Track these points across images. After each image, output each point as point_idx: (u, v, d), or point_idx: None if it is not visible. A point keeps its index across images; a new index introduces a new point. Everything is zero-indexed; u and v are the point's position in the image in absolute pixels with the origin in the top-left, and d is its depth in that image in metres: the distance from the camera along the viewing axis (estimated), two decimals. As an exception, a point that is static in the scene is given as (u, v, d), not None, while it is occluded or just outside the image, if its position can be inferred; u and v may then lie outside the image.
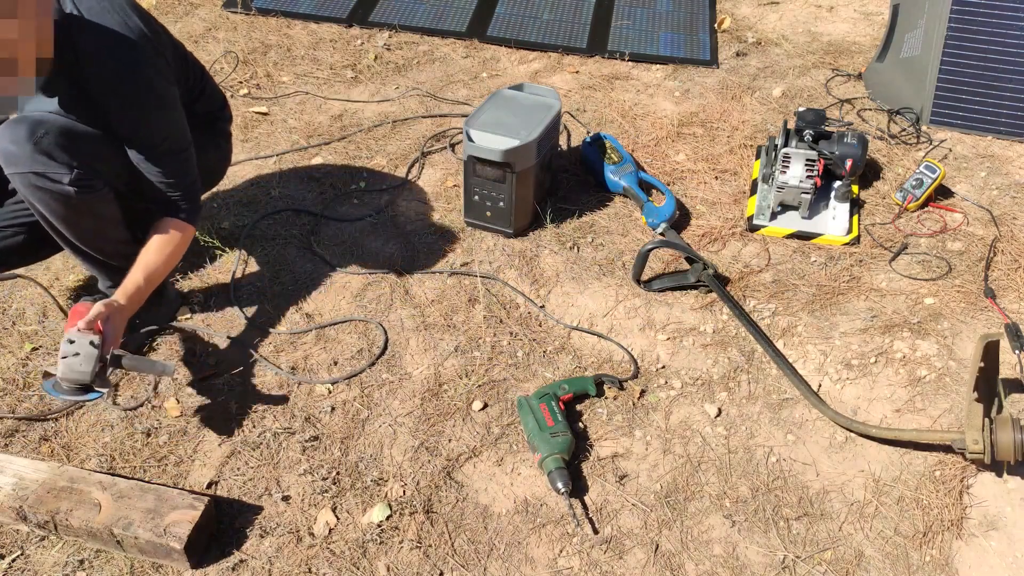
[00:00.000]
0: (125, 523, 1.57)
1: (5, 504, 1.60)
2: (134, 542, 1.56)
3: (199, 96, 2.02)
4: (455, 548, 1.65)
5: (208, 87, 2.07)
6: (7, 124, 1.70)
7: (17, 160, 1.68)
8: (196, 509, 1.59)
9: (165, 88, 1.79)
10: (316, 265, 2.31)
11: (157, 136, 1.80)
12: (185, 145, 1.86)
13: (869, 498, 1.73)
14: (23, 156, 1.67)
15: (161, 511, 1.58)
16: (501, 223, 2.37)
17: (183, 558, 1.56)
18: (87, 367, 1.59)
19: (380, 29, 3.46)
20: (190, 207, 1.89)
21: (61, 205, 1.74)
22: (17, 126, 1.68)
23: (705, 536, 1.67)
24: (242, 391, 1.94)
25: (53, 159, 1.68)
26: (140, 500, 1.61)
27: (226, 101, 2.15)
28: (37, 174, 1.69)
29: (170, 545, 1.54)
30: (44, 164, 1.68)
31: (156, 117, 1.79)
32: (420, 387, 1.97)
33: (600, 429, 1.87)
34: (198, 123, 2.02)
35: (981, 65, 2.79)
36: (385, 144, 2.80)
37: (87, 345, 1.60)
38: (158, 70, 1.75)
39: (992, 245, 2.35)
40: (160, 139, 1.80)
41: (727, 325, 2.13)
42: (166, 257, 1.84)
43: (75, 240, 1.85)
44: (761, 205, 2.46)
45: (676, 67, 3.24)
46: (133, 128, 1.77)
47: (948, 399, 1.94)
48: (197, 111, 2.00)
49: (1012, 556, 1.64)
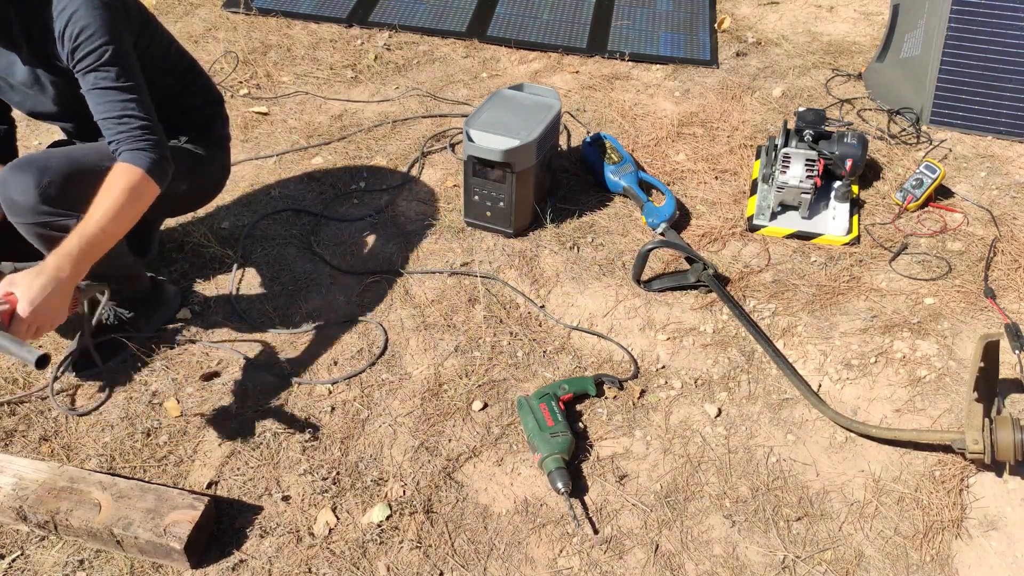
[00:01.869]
0: (125, 523, 1.57)
1: (5, 504, 1.60)
2: (134, 542, 1.56)
3: (191, 85, 1.99)
4: (455, 548, 1.65)
5: (202, 80, 2.04)
6: (12, 171, 1.68)
7: (24, 211, 1.68)
8: (196, 509, 1.59)
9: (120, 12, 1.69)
10: (316, 265, 2.31)
11: (106, 35, 1.64)
12: (135, 77, 1.70)
13: (869, 498, 1.73)
14: (29, 207, 1.67)
15: (161, 511, 1.58)
16: (501, 223, 2.37)
17: (183, 558, 1.56)
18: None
19: (380, 29, 3.46)
20: (154, 153, 1.67)
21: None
22: (23, 175, 1.67)
23: (705, 536, 1.67)
24: (242, 391, 1.94)
25: (60, 207, 1.68)
26: (140, 500, 1.61)
27: (223, 100, 2.12)
28: (43, 224, 1.70)
29: (170, 545, 1.54)
30: (51, 214, 1.69)
31: (104, 17, 1.64)
32: (420, 387, 1.97)
33: (600, 429, 1.87)
34: (194, 123, 2.01)
35: (981, 65, 2.79)
36: (385, 144, 2.80)
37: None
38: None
39: (992, 245, 2.35)
40: (111, 39, 1.64)
41: (727, 325, 2.13)
42: (110, 213, 1.60)
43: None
44: (761, 205, 2.46)
45: (676, 67, 3.24)
46: (82, 34, 1.63)
47: (948, 399, 1.94)
48: (192, 103, 1.99)
49: (1012, 556, 1.64)
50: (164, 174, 1.70)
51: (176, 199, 1.99)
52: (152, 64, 1.82)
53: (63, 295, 1.55)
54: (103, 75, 1.66)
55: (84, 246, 1.57)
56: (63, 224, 1.68)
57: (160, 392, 1.94)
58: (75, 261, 1.55)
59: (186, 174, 1.94)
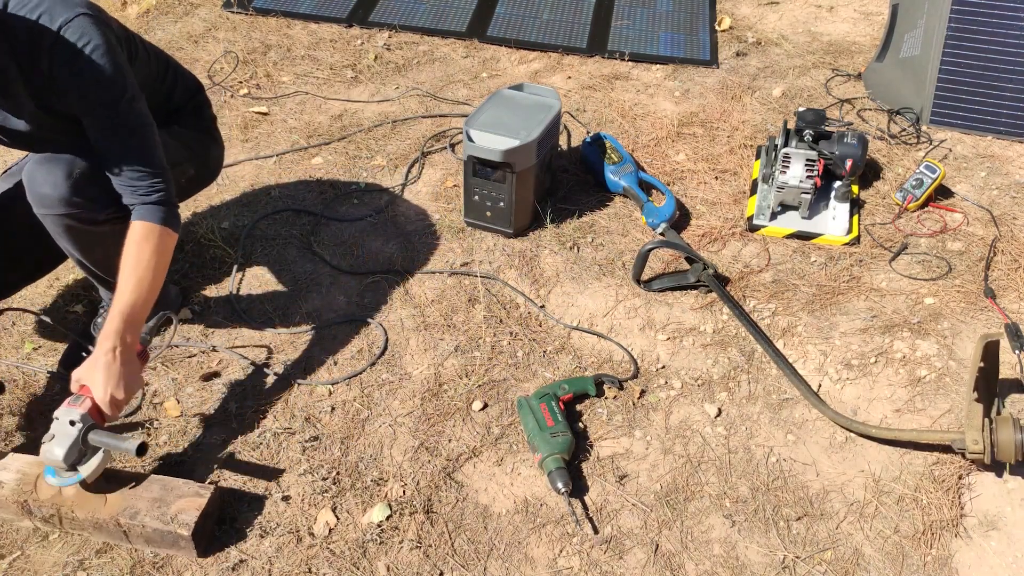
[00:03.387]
0: (131, 512, 1.57)
1: (10, 499, 1.60)
2: (141, 531, 1.57)
3: (174, 86, 1.98)
4: (455, 548, 1.65)
5: (179, 74, 2.02)
6: (39, 164, 1.67)
7: (55, 203, 1.67)
8: (202, 497, 1.60)
9: (115, 47, 1.65)
10: (316, 265, 2.31)
11: (116, 89, 1.62)
12: (148, 120, 1.70)
13: (869, 498, 1.73)
14: (60, 198, 1.66)
15: (167, 500, 1.59)
16: (501, 223, 2.37)
17: (190, 545, 1.56)
18: (60, 450, 1.52)
19: (380, 29, 3.46)
20: (166, 205, 1.70)
21: (93, 240, 1.75)
22: (53, 166, 1.66)
23: (705, 536, 1.67)
24: (242, 391, 1.94)
25: (89, 198, 1.67)
26: (145, 490, 1.62)
27: (200, 85, 2.08)
28: (72, 216, 1.69)
29: (178, 532, 1.55)
30: (80, 206, 1.68)
31: (109, 66, 1.60)
32: (420, 387, 1.97)
33: (600, 429, 1.87)
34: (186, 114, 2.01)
35: (981, 65, 2.79)
36: (385, 144, 2.80)
37: (65, 425, 1.54)
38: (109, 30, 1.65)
39: (992, 245, 2.35)
40: (119, 92, 1.62)
41: (727, 325, 2.13)
42: (141, 279, 1.64)
43: (97, 269, 1.87)
44: (761, 205, 2.46)
45: (676, 67, 3.24)
46: (91, 88, 1.60)
47: (948, 399, 1.94)
48: (178, 102, 1.98)
49: (1012, 556, 1.64)
50: (178, 219, 1.74)
51: (184, 181, 2.00)
52: (139, 80, 1.80)
53: (128, 366, 1.62)
54: (109, 120, 1.64)
55: (127, 319, 1.61)
56: (90, 217, 1.69)
57: (160, 392, 1.94)
58: (121, 334, 1.60)
59: (191, 161, 1.97)
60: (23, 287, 2.06)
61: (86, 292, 2.19)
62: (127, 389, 1.61)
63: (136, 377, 1.64)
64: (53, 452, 1.53)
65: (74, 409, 1.55)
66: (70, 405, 1.56)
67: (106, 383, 1.58)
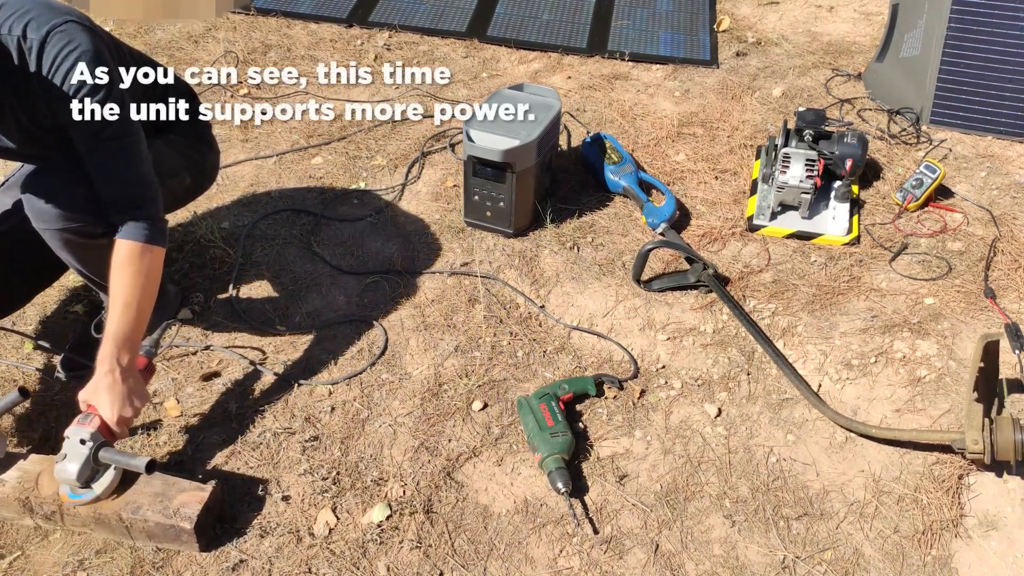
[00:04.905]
0: (134, 507, 1.58)
1: (11, 497, 1.60)
2: (143, 526, 1.57)
3: (165, 95, 1.94)
4: (455, 548, 1.65)
5: (170, 83, 1.96)
6: (37, 178, 1.66)
7: (54, 218, 1.66)
8: (204, 491, 1.61)
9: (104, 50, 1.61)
10: (316, 265, 2.31)
11: (103, 95, 1.57)
12: (135, 129, 1.66)
13: (869, 498, 1.73)
14: (59, 214, 1.65)
15: (169, 494, 1.60)
16: (501, 223, 2.37)
17: (193, 539, 1.57)
18: (74, 468, 1.54)
19: (380, 29, 3.46)
20: (150, 220, 1.66)
21: (92, 252, 1.74)
22: (51, 180, 1.65)
23: (705, 536, 1.67)
24: (242, 391, 1.94)
25: (88, 213, 1.66)
26: (147, 485, 1.62)
27: (194, 92, 2.05)
28: (72, 231, 1.68)
29: (180, 525, 1.55)
30: (80, 220, 1.67)
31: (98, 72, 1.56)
32: (420, 387, 1.97)
33: (600, 429, 1.87)
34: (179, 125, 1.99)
35: (981, 65, 2.79)
36: (385, 144, 2.80)
37: (76, 444, 1.56)
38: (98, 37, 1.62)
39: (992, 245, 2.35)
40: (104, 99, 1.57)
41: (727, 325, 2.13)
42: (131, 300, 1.62)
43: (97, 278, 1.86)
44: (761, 205, 2.46)
45: (676, 67, 3.24)
46: (78, 92, 1.56)
47: (948, 399, 1.94)
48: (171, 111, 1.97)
49: (1012, 556, 1.64)
50: (163, 233, 1.71)
51: (181, 191, 2.01)
52: (130, 90, 1.77)
53: (131, 383, 1.63)
54: (95, 129, 1.60)
55: (119, 344, 1.61)
56: (89, 231, 1.68)
57: (160, 392, 1.94)
58: (117, 357, 1.61)
59: (188, 169, 1.97)
60: (31, 299, 2.07)
61: (86, 292, 2.19)
62: (134, 406, 1.63)
63: (141, 392, 1.66)
64: (67, 471, 1.55)
65: (84, 428, 1.57)
66: (80, 424, 1.58)
67: (112, 404, 1.59)
